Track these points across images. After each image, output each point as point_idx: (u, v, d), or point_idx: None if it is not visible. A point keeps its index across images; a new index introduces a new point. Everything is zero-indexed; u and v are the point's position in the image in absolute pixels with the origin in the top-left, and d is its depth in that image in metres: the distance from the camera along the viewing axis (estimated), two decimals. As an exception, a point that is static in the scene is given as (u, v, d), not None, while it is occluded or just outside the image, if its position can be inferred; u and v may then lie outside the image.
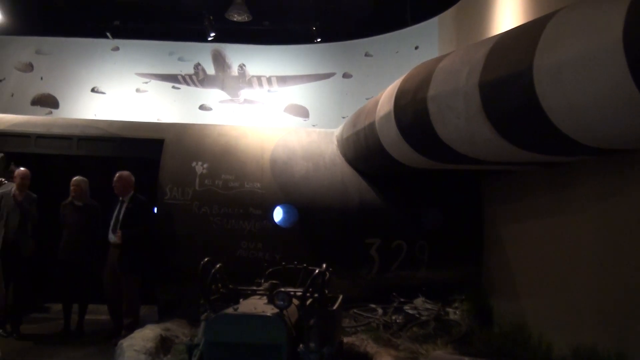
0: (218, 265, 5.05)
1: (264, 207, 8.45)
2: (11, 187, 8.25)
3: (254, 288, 5.58)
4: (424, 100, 5.36)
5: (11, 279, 8.08)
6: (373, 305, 8.08)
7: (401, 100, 5.95)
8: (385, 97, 6.50)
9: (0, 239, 7.93)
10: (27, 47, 15.93)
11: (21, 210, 8.07)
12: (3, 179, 8.93)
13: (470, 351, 6.48)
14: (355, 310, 7.92)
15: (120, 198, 8.27)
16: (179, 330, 7.53)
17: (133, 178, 8.33)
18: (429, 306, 7.82)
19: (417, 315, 7.63)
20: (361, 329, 7.44)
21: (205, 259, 5.21)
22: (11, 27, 15.64)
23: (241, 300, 5.26)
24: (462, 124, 4.98)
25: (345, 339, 6.80)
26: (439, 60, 5.54)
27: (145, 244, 8.21)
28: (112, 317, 8.31)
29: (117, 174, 8.26)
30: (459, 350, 6.56)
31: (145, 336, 6.77)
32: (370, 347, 6.75)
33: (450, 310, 7.81)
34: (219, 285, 5.22)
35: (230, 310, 4.62)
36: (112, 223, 8.20)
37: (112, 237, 8.16)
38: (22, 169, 8.28)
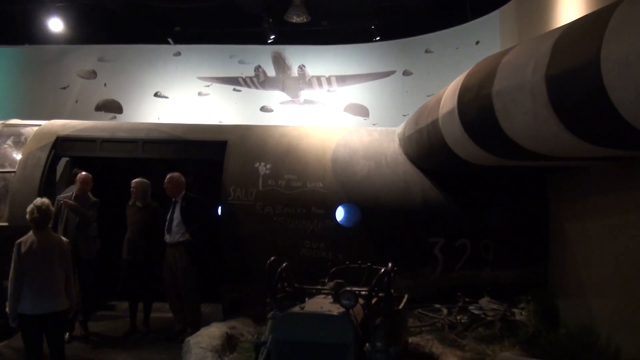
0: (284, 264, 5.08)
1: (327, 206, 8.45)
2: (73, 191, 8.47)
3: (319, 287, 5.60)
4: (489, 95, 5.27)
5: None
6: (437, 305, 7.99)
7: (465, 97, 5.86)
8: (448, 94, 6.42)
9: None
10: (90, 55, 16.38)
11: (77, 215, 8.26)
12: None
13: (537, 353, 6.34)
14: (419, 310, 7.85)
15: (174, 199, 8.44)
16: (243, 328, 7.62)
17: (183, 179, 8.48)
18: (494, 306, 7.67)
19: (483, 316, 7.50)
20: (426, 329, 7.37)
21: (272, 258, 5.23)
22: (74, 36, 16.17)
23: (306, 299, 5.27)
24: (528, 119, 4.87)
25: (410, 339, 6.76)
26: (503, 54, 5.44)
27: (203, 243, 8.33)
28: (175, 315, 8.47)
29: (168, 176, 8.44)
30: (527, 352, 6.42)
31: (211, 334, 6.88)
32: (436, 347, 6.69)
33: (516, 310, 7.65)
34: (285, 284, 5.24)
35: (297, 309, 4.64)
36: (167, 224, 8.39)
37: (168, 237, 8.34)
38: (83, 173, 8.49)
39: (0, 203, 9.36)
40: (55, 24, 15.62)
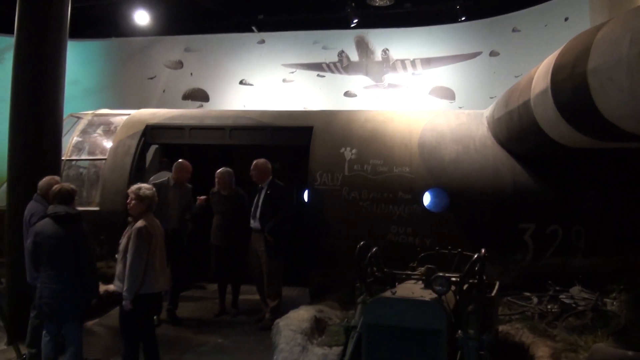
0: (374, 249, 5.04)
1: (414, 191, 8.34)
2: (167, 177, 8.66)
3: (409, 272, 5.53)
4: (584, 74, 5.02)
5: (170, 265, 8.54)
6: (527, 294, 7.77)
7: (558, 76, 5.62)
8: (540, 73, 6.18)
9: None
10: (176, 45, 16.84)
11: (180, 202, 8.47)
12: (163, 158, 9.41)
13: (631, 345, 6.06)
14: (508, 298, 7.66)
15: (259, 185, 8.51)
16: (331, 312, 7.64)
17: (269, 165, 8.49)
18: (585, 295, 7.36)
19: (574, 305, 7.22)
20: (515, 318, 7.18)
21: (361, 243, 5.20)
22: (160, 28, 16.60)
23: (396, 284, 5.22)
24: (626, 97, 4.61)
25: (500, 328, 6.60)
26: (597, 29, 5.16)
27: (288, 228, 8.38)
28: (262, 298, 8.60)
29: (253, 163, 8.49)
30: (620, 344, 6.15)
31: (300, 317, 6.93)
32: (526, 336, 6.48)
33: (607, 300, 7.33)
34: (374, 268, 5.20)
35: (388, 294, 4.59)
36: (252, 209, 8.47)
37: (254, 223, 8.41)
38: (181, 160, 8.67)
39: (92, 189, 9.75)
40: (141, 17, 16.06)
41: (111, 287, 8.29)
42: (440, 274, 4.68)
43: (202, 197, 8.50)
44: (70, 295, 6.02)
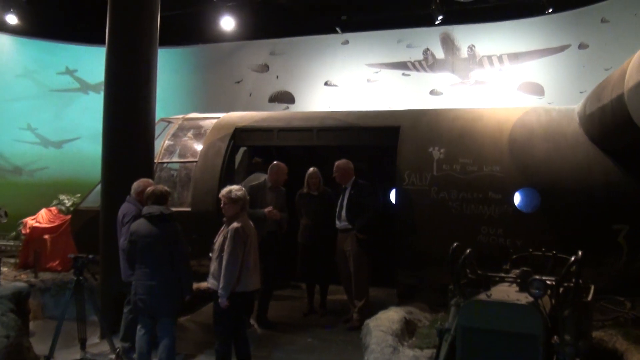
0: (468, 251, 4.95)
1: (504, 191, 8.14)
2: (263, 179, 8.76)
3: (503, 275, 5.41)
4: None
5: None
6: (621, 298, 7.46)
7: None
8: (634, 65, 5.90)
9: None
10: (262, 49, 17.10)
11: (276, 204, 8.51)
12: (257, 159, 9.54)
13: None
14: (602, 303, 7.36)
15: (343, 185, 8.50)
16: (420, 314, 7.59)
17: (351, 165, 8.49)
18: (683, 301, 7.02)
19: (670, 311, 6.90)
20: (608, 323, 6.90)
21: (455, 244, 5.12)
22: (246, 33, 16.89)
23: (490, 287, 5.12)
24: None
25: (593, 334, 6.36)
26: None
27: (375, 228, 8.33)
28: (349, 298, 8.58)
29: (335, 164, 8.50)
30: None
31: (390, 318, 6.90)
32: (620, 343, 6.22)
33: None
34: (468, 270, 5.11)
35: (483, 297, 4.50)
36: (337, 210, 8.49)
37: (339, 224, 8.44)
38: (276, 162, 8.74)
39: (183, 190, 10.02)
40: (227, 23, 16.39)
41: (203, 284, 8.52)
42: (537, 276, 4.55)
43: (271, 210, 8.37)
44: (165, 291, 6.26)
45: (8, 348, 5.82)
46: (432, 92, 15.27)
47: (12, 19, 16.81)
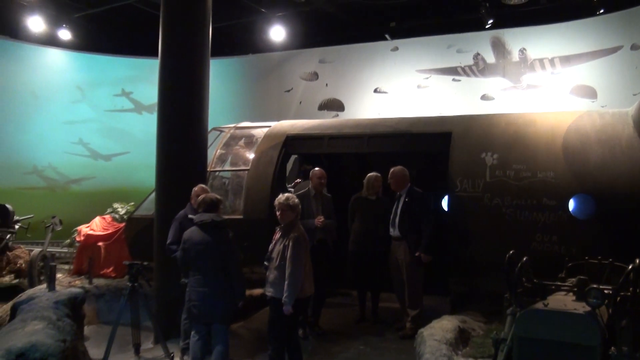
0: (524, 259, 4.88)
1: (558, 197, 7.96)
2: (307, 186, 8.77)
3: (559, 283, 5.32)
4: None
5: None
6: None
7: None
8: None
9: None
10: (311, 58, 17.21)
11: (323, 211, 8.47)
12: (299, 180, 9.60)
13: None
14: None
15: (397, 193, 8.45)
16: (474, 322, 7.51)
17: (406, 172, 8.43)
18: None
19: None
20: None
21: (511, 252, 5.06)
22: (295, 42, 17.05)
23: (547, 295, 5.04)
24: None
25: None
26: None
27: (430, 235, 8.22)
28: (402, 306, 8.53)
29: (391, 170, 8.46)
30: None
31: (444, 327, 6.84)
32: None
33: None
34: (524, 279, 5.04)
35: (540, 306, 4.44)
36: (391, 217, 8.43)
37: (393, 231, 8.39)
38: (317, 169, 8.70)
39: (235, 198, 10.13)
40: (277, 32, 16.58)
41: (255, 291, 8.62)
42: (594, 285, 4.47)
43: (321, 219, 8.29)
44: (217, 298, 6.33)
45: (65, 352, 5.94)
46: (483, 97, 15.09)
47: (65, 35, 17.30)
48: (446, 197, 8.97)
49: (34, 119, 17.24)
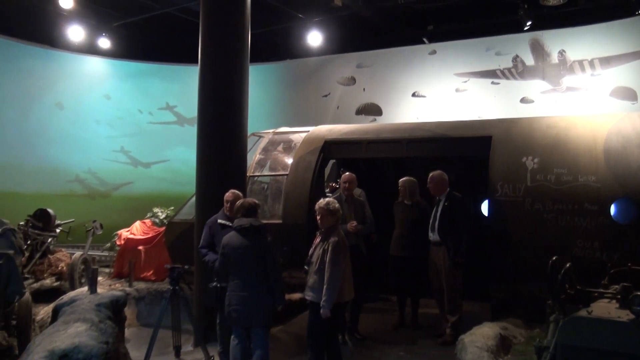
0: (568, 265, 4.82)
1: (600, 202, 7.84)
2: (339, 193, 8.72)
3: (602, 290, 5.24)
4: None
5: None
6: None
7: None
8: None
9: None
10: (349, 63, 17.26)
11: (355, 216, 8.38)
12: (335, 184, 9.62)
13: None
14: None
15: (437, 197, 8.40)
16: (515, 330, 7.43)
17: (446, 177, 8.36)
18: None
19: None
20: None
21: (554, 258, 5.00)
22: (332, 47, 17.12)
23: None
24: None
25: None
26: None
27: (469, 241, 8.16)
28: (442, 312, 8.47)
29: (430, 175, 8.39)
30: None
31: (485, 333, 6.79)
32: None
33: None
34: (567, 285, 4.97)
35: (584, 313, 4.37)
36: (430, 222, 8.37)
37: (432, 236, 8.33)
38: (347, 173, 8.62)
39: (274, 203, 10.19)
40: (314, 38, 16.66)
41: (294, 295, 8.66)
42: (638, 292, 4.39)
43: (354, 225, 8.20)
44: (257, 302, 6.35)
45: (108, 354, 6.03)
46: (523, 100, 14.92)
47: (104, 43, 17.63)
48: (486, 202, 8.89)
49: (74, 128, 17.64)
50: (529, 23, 14.68)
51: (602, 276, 5.66)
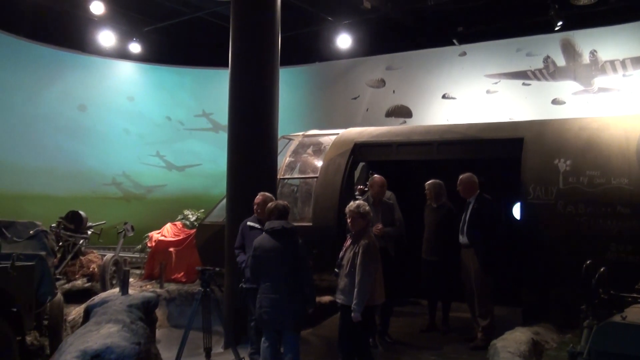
0: (602, 269, 4.77)
1: (633, 204, 7.74)
2: (367, 195, 8.67)
3: (636, 295, 5.17)
4: None
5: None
6: None
7: None
8: None
9: None
10: (378, 65, 17.28)
11: (382, 219, 8.28)
12: (364, 187, 9.60)
13: None
14: None
15: (467, 200, 8.34)
16: (547, 335, 7.35)
17: (475, 179, 8.27)
18: None
19: None
20: None
21: (588, 262, 4.95)
22: (362, 49, 17.12)
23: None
24: None
25: None
26: None
27: (499, 244, 8.07)
28: (473, 316, 8.40)
29: (459, 178, 8.32)
30: None
31: (517, 339, 6.73)
32: None
33: None
34: (601, 290, 4.91)
35: (618, 319, 4.32)
36: (460, 225, 8.30)
37: (462, 239, 8.26)
38: (376, 176, 8.53)
39: (304, 206, 10.20)
40: (343, 40, 16.69)
41: (324, 298, 8.66)
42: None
43: (379, 228, 8.05)
44: (288, 304, 6.35)
45: (139, 355, 6.09)
46: (554, 102, 14.76)
47: (135, 48, 17.84)
48: (517, 205, 8.81)
49: (107, 130, 17.94)
50: (559, 23, 14.53)
51: (635, 280, 5.59)
